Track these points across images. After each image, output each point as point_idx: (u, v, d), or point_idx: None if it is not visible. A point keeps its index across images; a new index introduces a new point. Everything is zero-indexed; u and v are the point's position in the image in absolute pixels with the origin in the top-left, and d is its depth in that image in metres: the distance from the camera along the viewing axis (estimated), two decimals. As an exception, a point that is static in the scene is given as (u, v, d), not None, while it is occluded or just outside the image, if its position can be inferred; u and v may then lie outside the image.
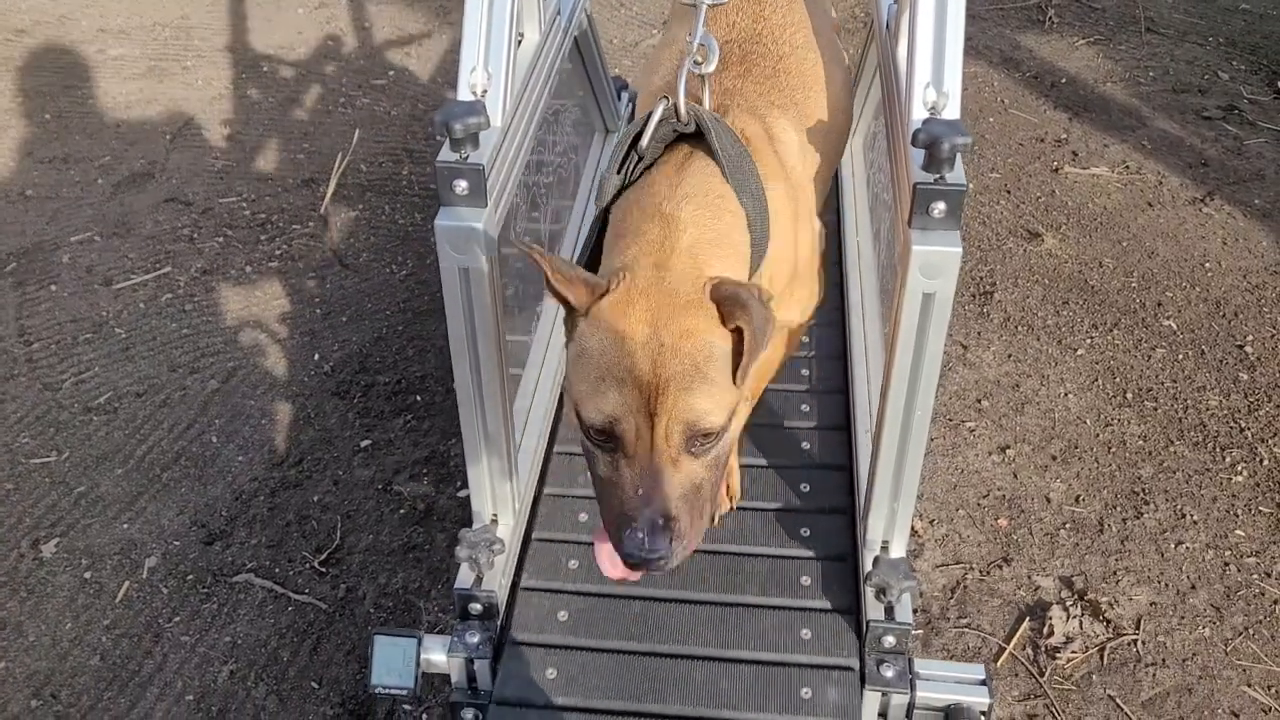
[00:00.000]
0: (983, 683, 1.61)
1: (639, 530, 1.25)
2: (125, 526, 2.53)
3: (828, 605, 1.78)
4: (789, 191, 1.62)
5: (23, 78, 4.25)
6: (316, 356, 3.00)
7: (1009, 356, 2.98)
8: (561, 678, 1.70)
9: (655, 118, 1.48)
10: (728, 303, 1.31)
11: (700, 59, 1.53)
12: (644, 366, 1.27)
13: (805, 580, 1.82)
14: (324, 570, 2.43)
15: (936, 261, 1.34)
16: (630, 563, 1.29)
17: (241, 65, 4.38)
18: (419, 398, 2.86)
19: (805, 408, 2.16)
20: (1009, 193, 3.64)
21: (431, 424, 2.78)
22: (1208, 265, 3.32)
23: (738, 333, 1.31)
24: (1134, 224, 3.50)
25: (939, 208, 1.33)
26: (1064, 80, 4.28)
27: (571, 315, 1.36)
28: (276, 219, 3.52)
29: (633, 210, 1.46)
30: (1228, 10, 4.80)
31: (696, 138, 1.53)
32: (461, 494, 2.60)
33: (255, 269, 3.31)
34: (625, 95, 2.85)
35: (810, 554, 1.88)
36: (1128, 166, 3.77)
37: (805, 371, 2.24)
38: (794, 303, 1.75)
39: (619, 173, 1.51)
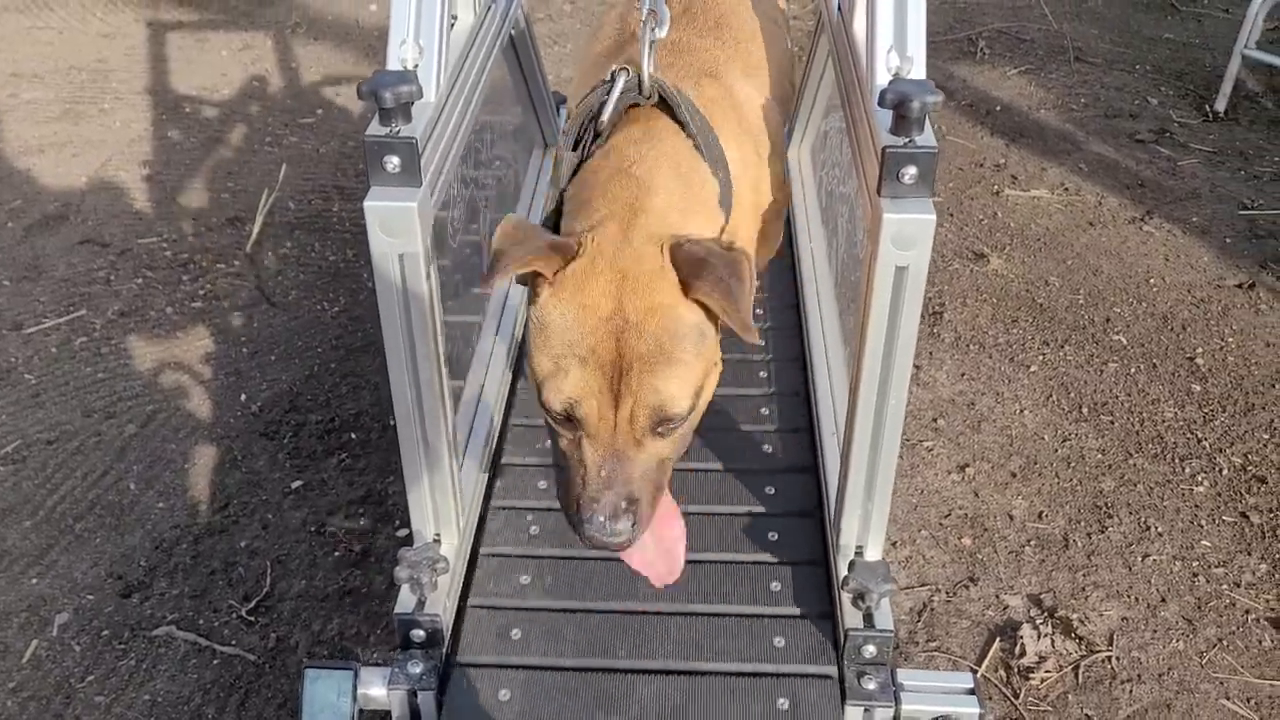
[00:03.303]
0: (971, 691, 1.50)
1: (600, 514, 1.21)
2: (34, 582, 2.34)
3: (805, 671, 1.64)
4: (755, 151, 1.55)
5: (-73, 124, 4.06)
6: (243, 397, 2.84)
7: (962, 375, 2.92)
8: (515, 706, 1.55)
9: (617, 90, 1.40)
10: (689, 268, 1.22)
11: (653, 25, 1.43)
12: (607, 345, 1.20)
13: (779, 642, 1.67)
14: (253, 619, 2.26)
15: (910, 231, 1.25)
16: (590, 544, 1.26)
17: (162, 107, 4.23)
18: (353, 435, 2.71)
19: (766, 410, 2.06)
20: (952, 215, 3.61)
21: (368, 462, 2.63)
22: (1152, 281, 3.31)
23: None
24: (1077, 243, 3.49)
25: (910, 172, 1.24)
26: (998, 108, 4.31)
27: (535, 279, 1.27)
28: (199, 259, 3.37)
29: (600, 170, 1.37)
30: (1152, 40, 4.89)
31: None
32: (401, 533, 2.45)
33: (177, 310, 3.15)
34: (564, 111, 2.77)
35: (787, 611, 1.74)
36: (1066, 188, 3.77)
37: (764, 374, 2.15)
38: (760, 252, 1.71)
39: (575, 149, 1.43)
